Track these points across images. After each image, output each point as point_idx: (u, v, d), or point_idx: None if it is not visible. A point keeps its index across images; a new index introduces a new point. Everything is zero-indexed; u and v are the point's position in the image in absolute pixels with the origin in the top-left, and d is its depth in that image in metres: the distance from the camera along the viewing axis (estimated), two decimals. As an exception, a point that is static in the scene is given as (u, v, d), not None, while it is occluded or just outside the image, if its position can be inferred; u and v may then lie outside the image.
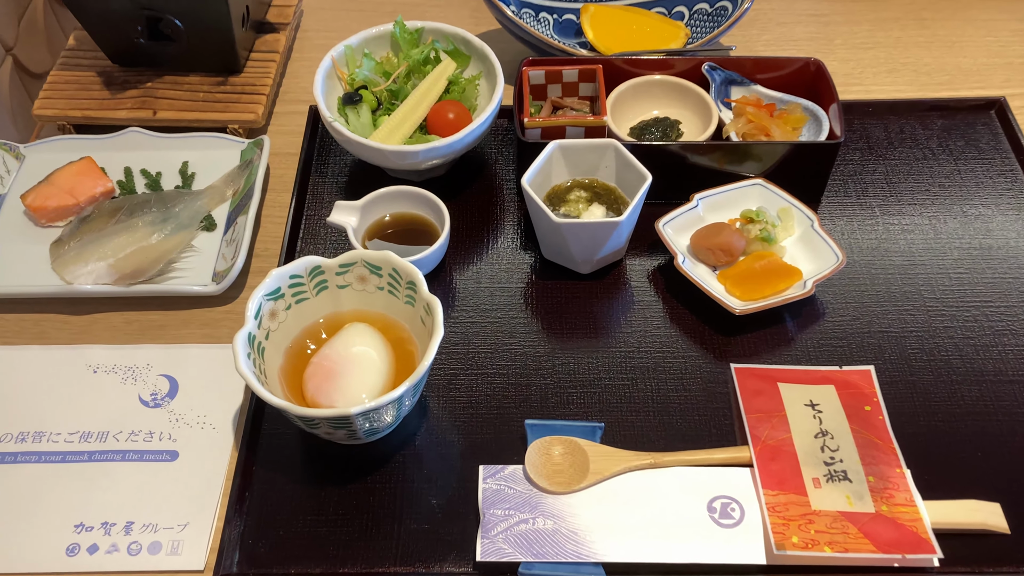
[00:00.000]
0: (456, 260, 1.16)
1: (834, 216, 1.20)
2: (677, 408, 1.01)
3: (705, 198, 1.15)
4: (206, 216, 1.19)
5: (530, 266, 1.15)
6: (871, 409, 1.00)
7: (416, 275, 0.96)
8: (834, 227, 1.18)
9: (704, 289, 1.06)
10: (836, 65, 1.40)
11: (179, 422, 1.03)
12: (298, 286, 0.99)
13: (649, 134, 1.21)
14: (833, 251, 1.09)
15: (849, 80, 1.38)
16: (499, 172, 1.26)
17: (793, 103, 1.23)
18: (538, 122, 1.16)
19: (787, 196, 1.14)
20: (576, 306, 1.11)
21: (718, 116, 1.21)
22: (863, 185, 1.23)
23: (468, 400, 1.03)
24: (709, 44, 1.33)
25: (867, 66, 1.41)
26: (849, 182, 1.23)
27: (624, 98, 1.25)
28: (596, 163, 1.14)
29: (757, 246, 1.11)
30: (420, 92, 1.19)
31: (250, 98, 1.30)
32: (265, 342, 0.96)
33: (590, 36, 1.36)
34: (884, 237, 1.17)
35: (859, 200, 1.21)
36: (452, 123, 1.17)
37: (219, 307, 1.13)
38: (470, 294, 1.12)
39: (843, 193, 1.22)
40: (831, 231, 1.16)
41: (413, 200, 1.14)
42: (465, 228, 1.19)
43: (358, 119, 1.19)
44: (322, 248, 1.17)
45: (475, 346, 1.07)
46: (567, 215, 1.12)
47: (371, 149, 1.12)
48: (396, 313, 1.01)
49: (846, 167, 1.25)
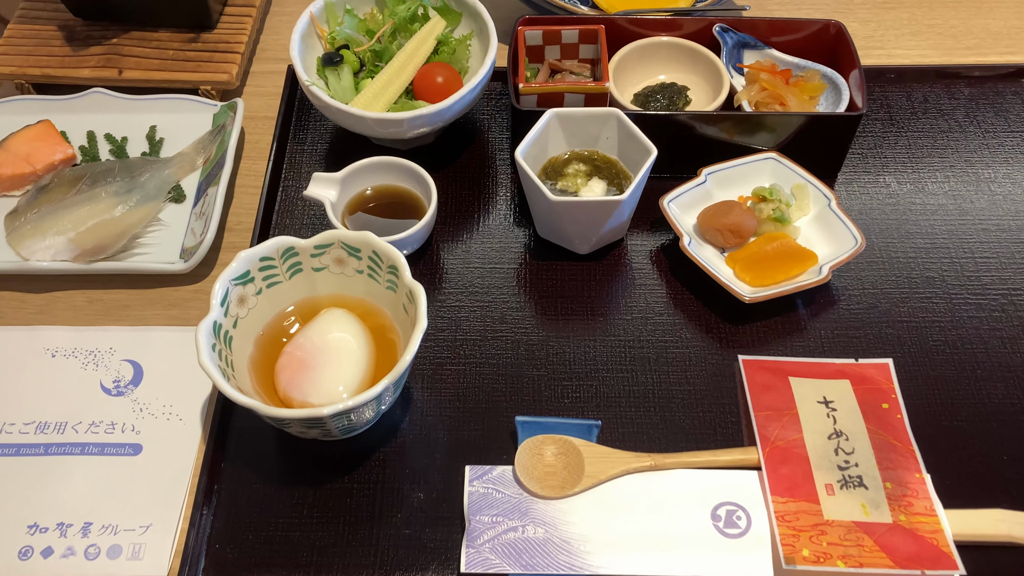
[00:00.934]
0: (444, 237, 1.07)
1: (851, 193, 1.11)
2: (680, 403, 0.94)
3: (714, 173, 1.06)
4: (174, 186, 1.10)
5: (524, 245, 1.07)
6: (889, 407, 0.92)
7: (398, 259, 0.88)
8: (851, 206, 1.09)
9: (711, 274, 0.97)
10: (856, 27, 1.30)
11: (143, 412, 0.95)
12: (269, 269, 0.91)
13: (654, 102, 1.12)
14: (851, 233, 1.00)
15: (870, 43, 1.28)
16: (491, 140, 1.17)
17: (811, 69, 1.14)
18: (534, 88, 1.07)
19: (803, 172, 1.06)
20: (573, 290, 1.03)
21: (729, 83, 1.12)
22: (883, 160, 1.14)
23: (455, 391, 0.95)
24: (720, 3, 1.23)
25: (889, 27, 1.31)
26: (868, 156, 1.15)
27: (628, 62, 1.15)
28: (596, 134, 1.05)
29: (769, 227, 1.03)
30: (406, 53, 1.10)
31: (223, 57, 1.20)
32: (233, 330, 0.88)
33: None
34: (905, 217, 1.09)
35: (878, 176, 1.13)
36: (441, 87, 1.08)
37: (187, 286, 1.05)
38: (458, 275, 1.04)
39: (861, 168, 1.13)
40: (847, 210, 1.07)
41: (398, 172, 1.05)
42: (454, 202, 1.11)
43: (339, 82, 1.09)
44: (300, 223, 1.09)
45: (463, 332, 0.99)
46: (564, 191, 1.03)
47: (352, 116, 1.03)
48: (377, 298, 0.93)
49: (865, 139, 1.16)
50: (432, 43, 1.11)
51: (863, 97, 1.06)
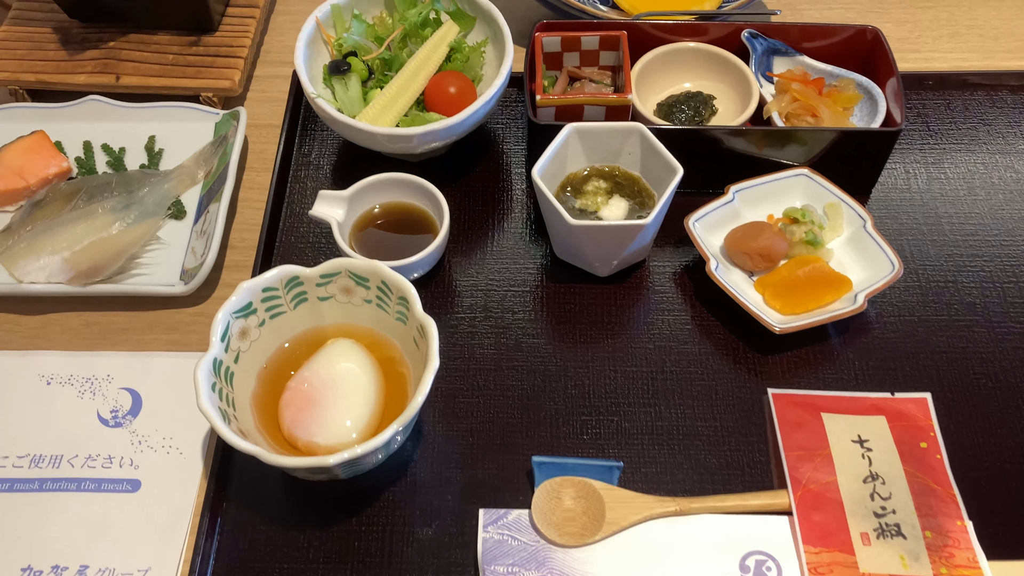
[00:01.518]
0: (456, 256, 1.02)
1: (885, 211, 1.05)
2: (706, 441, 0.89)
3: (742, 190, 1.00)
4: (174, 202, 1.05)
5: (540, 266, 1.01)
6: (927, 446, 0.87)
7: (408, 291, 0.83)
8: (885, 225, 1.03)
9: (740, 302, 0.92)
10: (891, 27, 1.23)
11: (142, 445, 0.91)
12: (273, 300, 0.86)
13: (679, 112, 1.06)
14: (888, 258, 0.95)
15: (905, 45, 1.22)
16: (506, 150, 1.12)
17: (845, 78, 1.07)
18: (552, 100, 1.01)
19: (837, 191, 1.00)
20: (592, 315, 0.98)
21: (758, 92, 1.06)
22: (920, 174, 1.08)
23: (468, 425, 0.90)
24: (749, 6, 1.17)
25: (926, 28, 1.24)
26: (904, 170, 1.08)
27: (651, 69, 1.09)
28: (618, 149, 0.99)
29: (801, 249, 0.97)
30: (417, 61, 1.04)
31: (225, 62, 1.14)
32: (234, 366, 0.83)
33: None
34: (944, 238, 1.03)
35: (915, 192, 1.06)
36: (453, 99, 1.02)
37: (189, 308, 1.00)
38: (471, 297, 0.99)
39: (896, 183, 1.07)
40: (882, 230, 1.01)
41: (408, 189, 1.00)
42: (467, 218, 1.05)
43: (346, 92, 1.03)
44: (305, 242, 1.03)
45: (477, 360, 0.94)
46: (584, 210, 0.98)
47: (360, 131, 0.98)
48: (386, 329, 0.88)
49: (901, 152, 1.10)
50: (444, 50, 1.05)
51: (901, 111, 0.99)
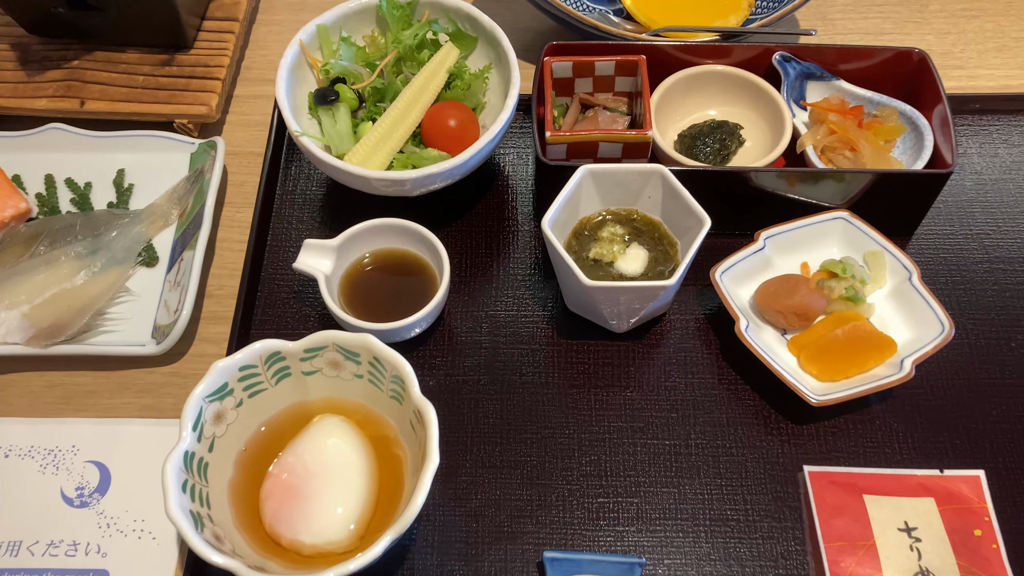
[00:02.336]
0: (457, 307, 0.93)
1: (929, 256, 0.95)
2: (736, 527, 0.80)
3: (773, 237, 0.90)
4: (146, 247, 0.95)
5: (550, 319, 0.92)
6: (982, 534, 0.79)
7: (404, 370, 0.74)
8: (929, 272, 0.94)
9: (774, 370, 0.83)
10: (932, 40, 1.13)
11: (111, 528, 0.82)
12: (252, 377, 0.76)
13: (703, 145, 0.96)
14: (938, 317, 0.85)
15: (948, 61, 1.11)
16: (513, 184, 1.01)
17: (887, 107, 0.97)
18: (563, 137, 0.91)
19: (880, 237, 0.90)
20: (607, 376, 0.88)
21: (791, 123, 0.96)
22: (968, 214, 0.98)
23: (472, 508, 0.81)
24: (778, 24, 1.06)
25: (970, 41, 1.13)
26: (950, 209, 0.98)
27: (672, 95, 0.99)
28: (637, 192, 0.89)
29: (840, 306, 0.88)
30: (413, 91, 0.93)
31: (201, 84, 1.03)
32: (209, 455, 0.74)
33: (628, 1, 1.09)
34: (997, 289, 0.93)
35: (963, 237, 0.96)
36: (454, 133, 0.92)
37: (162, 367, 0.91)
38: (474, 356, 0.89)
39: (941, 225, 0.97)
40: (926, 276, 0.92)
41: (403, 235, 0.90)
42: (469, 263, 0.96)
43: (334, 126, 0.93)
44: (291, 292, 0.94)
45: (481, 431, 0.85)
46: (599, 260, 0.88)
47: (349, 174, 0.87)
48: (379, 405, 0.79)
49: (946, 188, 0.99)
50: (443, 77, 0.95)
51: (952, 149, 0.89)
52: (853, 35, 1.14)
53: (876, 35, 1.14)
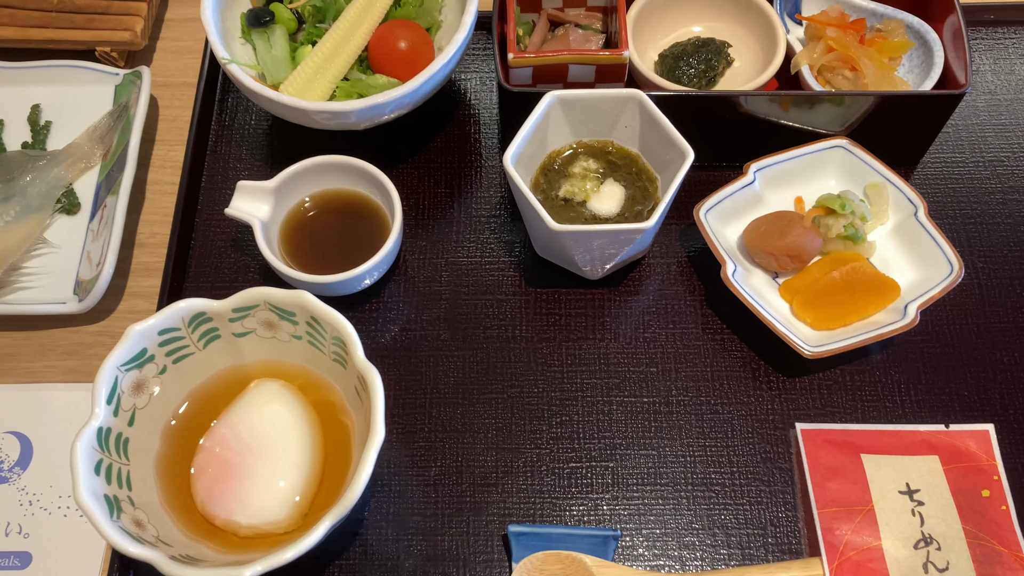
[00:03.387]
0: (414, 254, 0.84)
1: (936, 188, 0.86)
2: (721, 492, 0.73)
3: (764, 169, 0.81)
4: (66, 192, 0.85)
5: (517, 265, 0.83)
6: (991, 494, 0.72)
7: (345, 332, 0.65)
8: (936, 206, 0.85)
9: (763, 318, 0.74)
10: (941, -56, 1.01)
11: (33, 506, 0.75)
12: (175, 341, 0.68)
13: (686, 66, 0.86)
14: (946, 256, 0.77)
15: (958, -34, 1.00)
16: (474, 113, 0.91)
17: (892, 19, 0.87)
18: (527, 59, 0.80)
19: (882, 168, 0.81)
20: (580, 328, 0.80)
21: (785, 39, 0.85)
22: (981, 140, 0.88)
23: (429, 476, 0.74)
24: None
25: (983, -56, 1.02)
26: (959, 134, 0.89)
27: (652, 10, 0.88)
28: (612, 121, 0.79)
29: (837, 245, 0.79)
30: (358, 8, 0.82)
31: (125, 6, 0.92)
32: (129, 430, 0.66)
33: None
34: (1010, 224, 0.84)
35: (974, 165, 0.87)
36: (404, 56, 0.81)
37: (89, 326, 0.82)
38: (434, 308, 0.81)
39: (950, 153, 0.88)
40: (933, 211, 0.83)
41: (349, 174, 0.81)
42: (427, 204, 0.86)
43: (269, 51, 0.82)
44: (228, 240, 0.84)
45: (441, 391, 0.77)
46: (569, 199, 0.79)
47: (286, 106, 0.77)
48: (322, 368, 0.71)
49: (956, 112, 0.89)
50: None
51: (966, 67, 0.79)
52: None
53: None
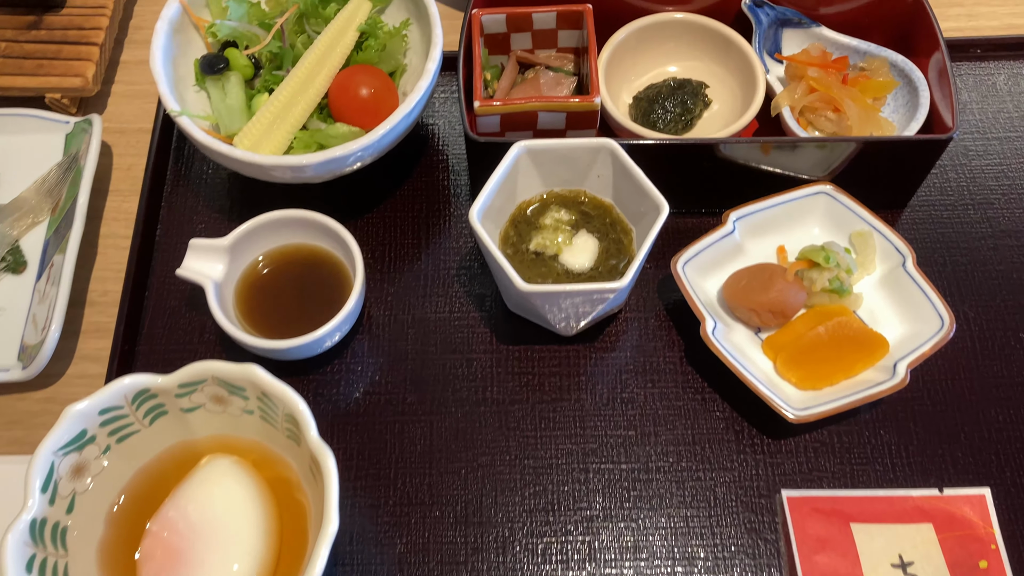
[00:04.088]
0: (378, 309, 0.80)
1: (924, 235, 0.82)
2: (704, 568, 0.69)
3: (744, 218, 0.77)
4: (11, 249, 0.81)
5: (487, 321, 0.79)
6: (988, 566, 0.68)
7: (296, 409, 0.61)
8: (924, 253, 0.81)
9: (746, 380, 0.70)
10: (926, -26, 0.98)
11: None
12: (118, 420, 0.63)
13: (662, 110, 0.82)
14: (936, 310, 0.73)
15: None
16: (443, 159, 0.87)
17: (875, 57, 0.83)
18: (494, 107, 0.76)
19: (868, 215, 0.77)
20: (553, 389, 0.76)
21: (764, 79, 0.82)
22: (970, 183, 0.85)
23: (394, 555, 0.70)
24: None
25: (969, -26, 0.99)
26: (947, 176, 0.85)
27: (625, 50, 0.84)
28: (584, 170, 0.75)
29: (822, 299, 0.75)
30: (317, 54, 0.78)
31: (76, 51, 0.88)
32: (67, 518, 0.61)
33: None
34: (1004, 271, 0.80)
35: (964, 210, 0.83)
36: (366, 104, 0.78)
37: (35, 392, 0.78)
38: (398, 369, 0.77)
39: (938, 196, 0.84)
40: (920, 257, 0.79)
41: (307, 229, 0.77)
42: (392, 256, 0.82)
43: (224, 100, 0.78)
44: (185, 302, 0.80)
45: (407, 458, 0.73)
46: (540, 253, 0.75)
47: (238, 161, 0.73)
48: (277, 444, 0.66)
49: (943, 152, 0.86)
50: (353, 36, 0.80)
51: (952, 110, 0.76)
52: (836, -31, 0.99)
53: (862, -31, 0.99)
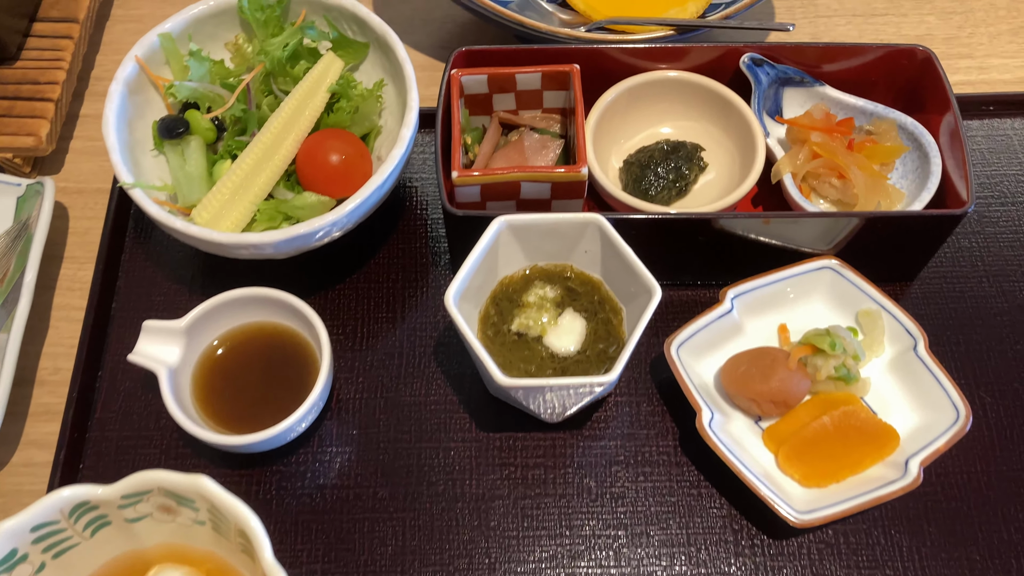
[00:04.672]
0: (348, 392, 0.74)
1: (934, 311, 0.77)
2: None
3: (743, 295, 0.72)
4: (-47, 325, 0.75)
5: (466, 405, 0.73)
6: None
7: (248, 526, 0.55)
8: (935, 332, 0.75)
9: (744, 478, 0.65)
10: (933, 23, 0.93)
11: None
12: (53, 535, 0.57)
13: (653, 176, 0.77)
14: (950, 400, 0.67)
15: (952, 48, 0.92)
16: (422, 225, 0.82)
17: (883, 119, 0.78)
18: (473, 178, 0.71)
19: (877, 294, 0.71)
20: (537, 482, 0.70)
21: (764, 144, 0.76)
22: (984, 252, 0.79)
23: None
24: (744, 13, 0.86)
25: (979, 23, 0.94)
26: (959, 244, 0.80)
27: (616, 110, 0.79)
28: (570, 244, 0.70)
29: (828, 386, 0.70)
30: (284, 117, 0.73)
31: (29, 107, 0.83)
32: (-4, 646, 0.56)
33: (563, -15, 0.88)
34: (1020, 352, 0.74)
35: (977, 282, 0.78)
36: (336, 172, 0.72)
37: (-23, 483, 0.72)
38: (369, 457, 0.71)
39: (949, 267, 0.79)
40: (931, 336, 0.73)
41: (271, 307, 0.71)
42: (366, 334, 0.76)
43: (183, 167, 0.73)
44: (140, 383, 0.74)
45: (377, 561, 0.67)
46: (524, 335, 0.69)
47: (194, 239, 0.68)
48: (232, 556, 0.61)
49: (956, 215, 0.80)
50: (323, 98, 0.75)
51: (968, 183, 0.70)
52: (837, 18, 0.94)
53: (866, 17, 0.94)
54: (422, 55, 0.91)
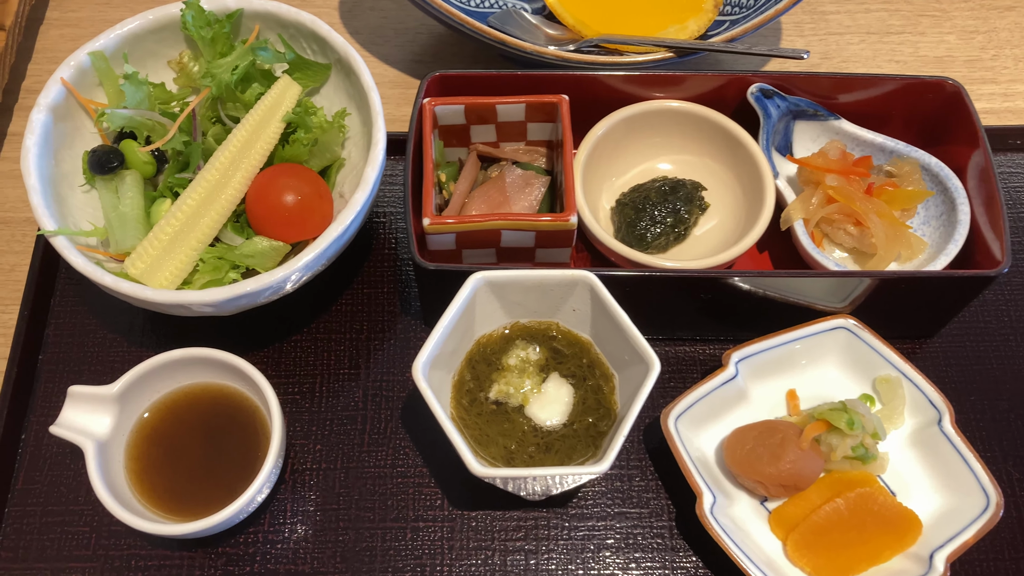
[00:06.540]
0: (304, 462, 0.66)
1: (959, 372, 0.69)
2: None
3: (748, 359, 0.64)
4: None
5: (438, 478, 0.65)
6: None
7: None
8: (960, 398, 0.68)
9: (750, 574, 0.57)
10: (953, 43, 0.85)
11: None
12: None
13: (649, 221, 0.68)
14: (980, 484, 0.60)
15: (975, 70, 0.84)
16: (388, 264, 0.73)
17: (904, 159, 0.70)
18: (447, 226, 0.62)
19: (898, 359, 0.64)
20: (516, 569, 0.62)
21: (773, 187, 0.68)
22: (1011, 306, 0.72)
23: None
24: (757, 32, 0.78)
25: (1004, 44, 0.86)
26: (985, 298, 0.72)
27: (608, 143, 0.71)
28: (556, 302, 0.62)
29: (843, 465, 0.62)
30: (232, 150, 0.64)
31: (-54, 127, 0.73)
32: None
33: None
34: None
35: (1003, 339, 0.70)
36: (290, 214, 0.63)
37: None
38: (327, 539, 0.63)
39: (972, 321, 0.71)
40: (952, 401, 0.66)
41: (213, 369, 0.62)
42: (324, 392, 0.68)
43: (116, 207, 0.64)
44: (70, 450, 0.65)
45: (335, 658, 0.60)
46: (502, 404, 0.61)
47: (127, 296, 0.59)
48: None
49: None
50: (278, 128, 0.66)
51: (1003, 243, 0.63)
52: (850, 35, 0.86)
53: (881, 35, 0.86)
54: (393, 69, 0.82)
